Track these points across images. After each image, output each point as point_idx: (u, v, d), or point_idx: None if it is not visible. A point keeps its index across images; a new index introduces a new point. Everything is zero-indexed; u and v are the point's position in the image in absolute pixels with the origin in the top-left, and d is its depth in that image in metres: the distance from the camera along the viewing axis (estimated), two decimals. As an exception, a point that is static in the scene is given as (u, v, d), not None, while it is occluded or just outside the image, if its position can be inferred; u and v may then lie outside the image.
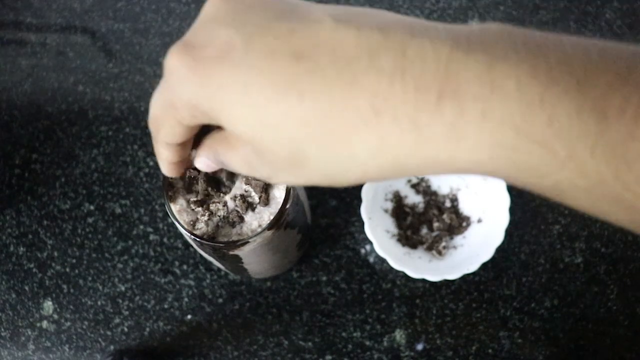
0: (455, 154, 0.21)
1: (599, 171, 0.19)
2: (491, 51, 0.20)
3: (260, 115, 0.22)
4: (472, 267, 0.48)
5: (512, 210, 0.50)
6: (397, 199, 0.53)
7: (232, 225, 0.38)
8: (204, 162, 0.29)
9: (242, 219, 0.38)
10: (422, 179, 0.53)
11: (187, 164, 0.30)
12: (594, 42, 0.21)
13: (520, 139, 0.20)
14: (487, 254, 0.48)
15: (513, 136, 0.20)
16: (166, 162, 0.29)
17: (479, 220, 0.51)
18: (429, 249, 0.51)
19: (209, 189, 0.38)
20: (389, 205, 0.53)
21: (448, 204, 0.53)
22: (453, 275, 0.47)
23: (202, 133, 0.28)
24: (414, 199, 0.53)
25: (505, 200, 0.49)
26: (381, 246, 0.48)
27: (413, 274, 0.48)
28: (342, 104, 0.21)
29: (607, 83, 0.19)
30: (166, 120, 0.25)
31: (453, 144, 0.20)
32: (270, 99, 0.21)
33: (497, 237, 0.48)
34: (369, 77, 0.21)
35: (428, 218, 0.52)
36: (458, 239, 0.51)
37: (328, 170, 0.23)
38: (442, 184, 0.53)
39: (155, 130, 0.27)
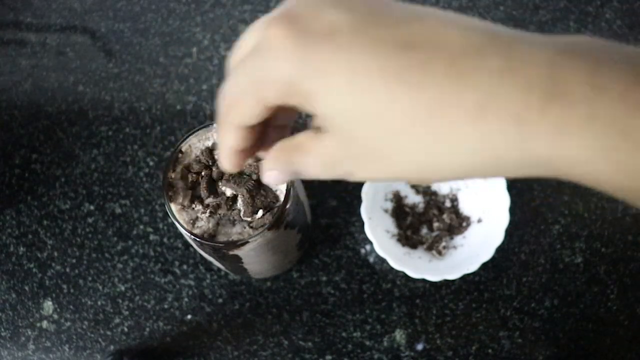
0: (557, 153, 0.21)
1: None
2: (593, 58, 0.20)
3: (364, 102, 0.21)
4: (472, 267, 0.48)
5: (512, 210, 0.50)
6: (397, 199, 0.53)
7: (233, 223, 0.38)
8: (274, 175, 0.26)
9: (241, 219, 0.38)
10: None
11: (247, 157, 0.27)
12: None
13: (626, 140, 0.20)
14: (487, 254, 0.48)
15: (617, 138, 0.20)
16: (228, 150, 0.26)
17: (479, 220, 0.51)
18: (429, 249, 0.51)
19: (208, 190, 0.38)
20: (389, 205, 0.53)
21: (448, 204, 0.53)
22: (453, 275, 0.47)
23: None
24: (414, 199, 0.53)
25: (505, 200, 0.49)
26: (381, 246, 0.48)
27: (413, 274, 0.48)
28: (448, 98, 0.21)
29: None
30: (246, 98, 0.24)
31: (556, 143, 0.20)
32: (376, 86, 0.21)
33: (497, 237, 0.48)
34: (477, 74, 0.21)
35: (428, 218, 0.52)
36: (458, 239, 0.51)
37: (422, 164, 0.22)
38: (442, 184, 0.53)
39: (227, 110, 0.25)
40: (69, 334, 0.52)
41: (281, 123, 0.28)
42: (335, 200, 0.54)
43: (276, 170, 0.26)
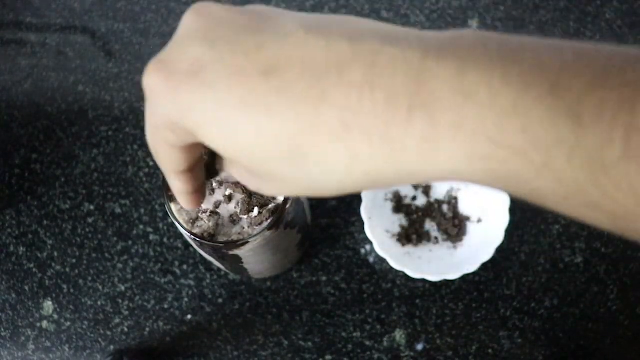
0: (430, 166, 0.20)
1: (577, 178, 0.19)
2: (463, 58, 0.20)
3: (233, 135, 0.22)
4: (472, 267, 0.48)
5: (512, 210, 0.50)
6: (397, 198, 0.53)
7: (234, 222, 0.38)
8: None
9: (240, 219, 0.38)
10: None
11: (204, 193, 0.29)
12: (570, 44, 0.20)
13: (495, 148, 0.19)
14: (487, 254, 0.48)
15: (487, 145, 0.19)
16: (181, 194, 0.28)
17: (479, 220, 0.51)
18: (429, 249, 0.51)
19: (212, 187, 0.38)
20: (389, 205, 0.53)
21: (448, 204, 0.53)
22: (453, 276, 0.47)
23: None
24: (414, 198, 0.53)
25: (505, 200, 0.49)
26: (381, 246, 0.48)
27: (413, 274, 0.48)
28: (311, 120, 0.21)
29: (582, 86, 0.18)
30: (159, 145, 0.25)
31: (426, 156, 0.20)
32: (240, 118, 0.21)
33: (497, 237, 0.48)
34: (338, 92, 0.20)
35: (428, 217, 0.52)
36: (458, 239, 0.51)
37: (306, 184, 0.23)
38: (442, 184, 0.53)
39: (157, 160, 0.26)
40: (69, 334, 0.52)
41: None
42: (335, 200, 0.54)
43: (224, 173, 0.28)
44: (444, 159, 0.20)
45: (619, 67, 0.19)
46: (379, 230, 0.50)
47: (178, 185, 0.27)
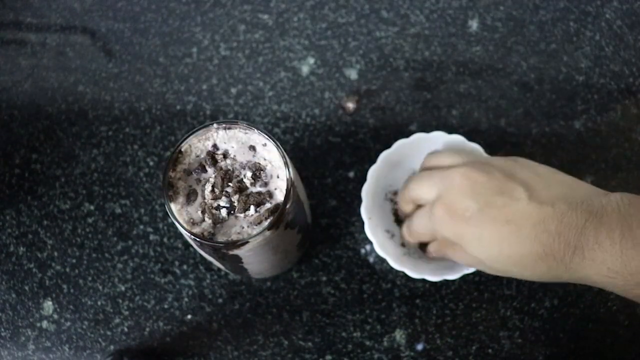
0: (584, 278, 0.37)
1: None
2: (608, 225, 0.36)
3: (487, 252, 0.40)
4: (472, 268, 0.48)
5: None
6: (397, 197, 0.53)
7: (232, 223, 0.38)
8: (432, 253, 0.48)
9: (236, 217, 0.38)
10: None
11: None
12: None
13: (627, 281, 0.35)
14: None
15: (620, 279, 0.35)
16: (412, 243, 0.51)
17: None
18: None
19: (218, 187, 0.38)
20: (389, 205, 0.53)
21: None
22: (453, 276, 0.47)
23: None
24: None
25: None
26: (381, 246, 0.48)
27: (413, 274, 0.48)
28: (529, 251, 0.38)
29: None
30: (424, 235, 0.46)
31: (583, 272, 0.37)
32: (492, 243, 0.39)
33: None
34: (543, 236, 0.37)
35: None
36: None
37: (513, 274, 0.41)
38: None
39: (411, 234, 0.48)
40: (69, 334, 0.52)
41: None
42: (335, 200, 0.54)
43: (434, 253, 0.48)
44: (590, 273, 0.37)
45: None
46: (379, 230, 0.50)
47: (414, 243, 0.50)
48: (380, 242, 0.49)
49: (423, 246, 0.52)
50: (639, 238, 0.33)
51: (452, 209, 0.41)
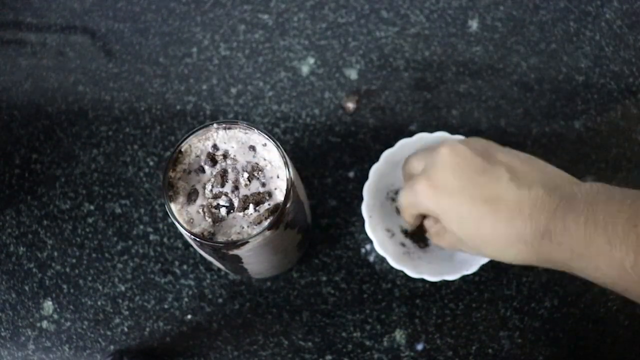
0: (551, 261, 0.39)
1: None
2: (585, 212, 0.36)
3: (465, 230, 0.41)
4: (472, 268, 0.48)
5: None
6: (398, 196, 0.53)
7: (232, 223, 0.38)
8: (428, 229, 0.49)
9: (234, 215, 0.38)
10: None
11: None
12: None
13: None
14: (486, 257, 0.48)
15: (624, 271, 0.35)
16: (409, 225, 0.50)
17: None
18: (431, 249, 0.51)
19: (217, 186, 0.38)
20: (390, 204, 0.53)
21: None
22: (452, 276, 0.47)
23: None
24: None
25: None
26: (381, 245, 0.48)
27: (412, 273, 0.48)
28: (505, 231, 0.39)
29: None
30: (408, 209, 0.45)
31: (547, 257, 0.38)
32: (470, 222, 0.40)
33: None
34: (517, 220, 0.38)
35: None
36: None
37: (496, 256, 0.41)
38: None
39: (403, 212, 0.47)
40: (69, 334, 0.52)
41: None
42: (335, 200, 0.54)
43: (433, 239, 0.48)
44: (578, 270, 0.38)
45: None
46: (379, 229, 0.50)
47: (409, 222, 0.48)
48: (380, 241, 0.49)
49: (422, 239, 0.52)
50: (601, 222, 0.34)
51: (434, 183, 0.41)
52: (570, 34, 0.58)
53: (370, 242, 0.53)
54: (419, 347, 0.51)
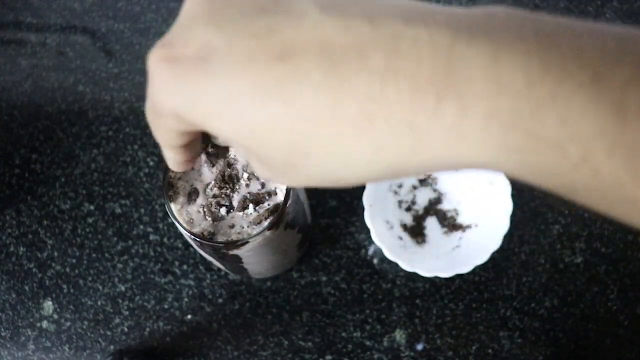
0: (458, 157, 0.19)
1: (617, 174, 0.18)
2: (497, 41, 0.18)
3: (246, 125, 0.20)
4: (466, 268, 0.48)
5: (512, 210, 0.50)
6: (401, 190, 0.53)
7: (232, 224, 0.38)
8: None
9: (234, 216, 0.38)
10: (429, 175, 0.53)
11: (195, 159, 0.28)
12: (611, 28, 0.19)
13: (530, 140, 0.18)
14: (482, 257, 0.48)
15: (522, 137, 0.18)
16: (173, 162, 0.27)
17: (478, 224, 0.51)
18: (428, 246, 0.51)
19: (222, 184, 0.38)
20: (393, 197, 0.53)
21: (450, 203, 0.53)
22: (446, 274, 0.48)
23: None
24: (417, 193, 0.53)
25: (507, 206, 0.49)
26: (378, 235, 0.48)
27: (406, 266, 0.48)
28: (330, 111, 0.19)
29: (626, 76, 0.17)
30: (157, 127, 0.24)
31: (455, 147, 0.19)
32: (253, 108, 0.20)
33: (494, 241, 0.48)
34: (359, 80, 0.19)
35: (429, 215, 0.52)
36: (456, 240, 0.51)
37: (321, 176, 0.22)
38: (447, 182, 0.53)
39: (154, 134, 0.25)
40: (69, 334, 0.52)
41: None
42: (335, 200, 0.54)
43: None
44: (473, 150, 0.19)
45: None
46: (379, 220, 0.50)
47: (172, 156, 0.26)
48: (377, 231, 0.49)
49: (420, 234, 0.52)
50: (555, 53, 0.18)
51: (173, 51, 0.21)
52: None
53: (370, 242, 0.53)
54: (419, 347, 0.51)
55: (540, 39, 0.18)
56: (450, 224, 0.52)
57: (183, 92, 0.21)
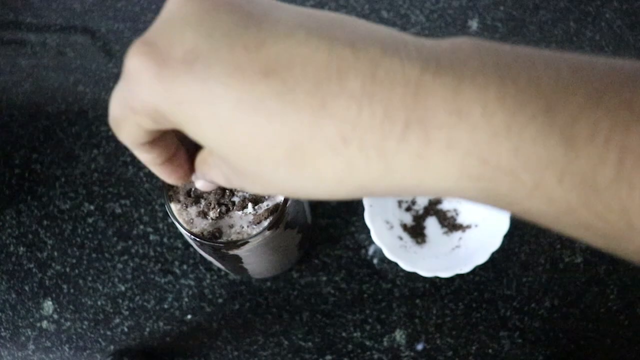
0: (422, 183, 0.20)
1: (568, 199, 0.19)
2: (459, 74, 0.19)
3: (227, 134, 0.21)
4: (466, 268, 0.48)
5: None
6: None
7: (231, 224, 0.38)
8: (201, 184, 0.28)
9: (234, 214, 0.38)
10: None
11: (181, 164, 0.27)
12: (566, 57, 0.20)
13: (487, 169, 0.19)
14: (482, 257, 0.48)
15: (479, 165, 0.19)
16: (151, 165, 0.26)
17: (478, 224, 0.51)
18: (428, 246, 0.51)
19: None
20: (392, 198, 0.53)
21: (450, 203, 0.53)
22: (446, 274, 0.48)
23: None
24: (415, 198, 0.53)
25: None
26: (378, 235, 0.48)
27: (406, 266, 0.48)
28: (310, 129, 0.20)
29: (576, 106, 0.18)
30: (124, 123, 0.23)
31: (419, 173, 0.20)
32: (236, 118, 0.20)
33: (494, 242, 0.48)
34: (338, 102, 0.20)
35: (429, 215, 0.53)
36: (456, 240, 0.51)
37: (294, 189, 0.22)
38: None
39: (116, 132, 0.24)
40: (69, 334, 0.52)
41: None
42: (335, 200, 0.54)
43: (200, 180, 0.28)
44: (436, 177, 0.20)
45: (615, 86, 0.19)
46: (379, 220, 0.50)
47: (140, 155, 0.25)
48: (377, 231, 0.49)
49: (420, 235, 0.52)
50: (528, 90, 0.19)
51: (158, 50, 0.21)
52: (570, 34, 0.58)
53: (371, 242, 0.53)
54: (419, 347, 0.51)
55: (499, 71, 0.19)
56: (450, 224, 0.52)
57: (168, 92, 0.21)
